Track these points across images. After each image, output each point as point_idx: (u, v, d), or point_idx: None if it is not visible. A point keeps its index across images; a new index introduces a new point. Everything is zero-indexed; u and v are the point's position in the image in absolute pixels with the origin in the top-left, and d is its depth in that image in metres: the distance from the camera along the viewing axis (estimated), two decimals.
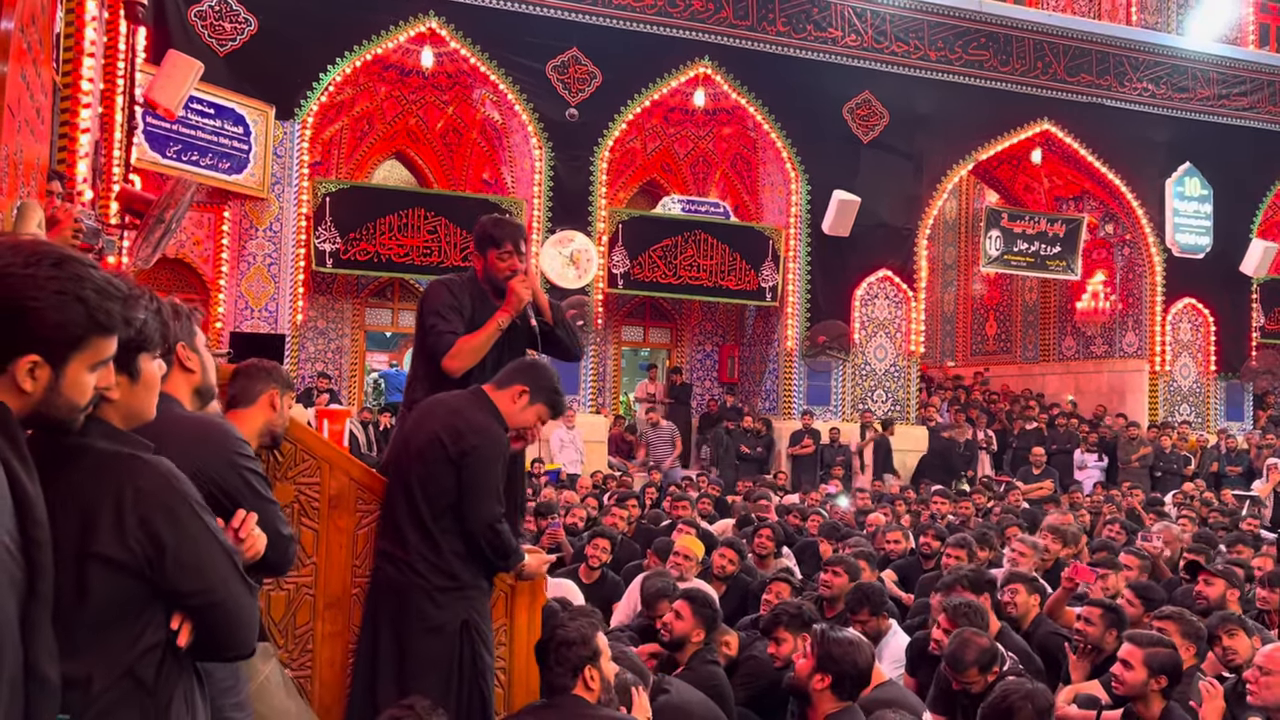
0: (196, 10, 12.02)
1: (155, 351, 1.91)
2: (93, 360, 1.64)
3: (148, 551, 1.73)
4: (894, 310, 15.22)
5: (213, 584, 1.82)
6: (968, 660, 3.84)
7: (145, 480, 1.76)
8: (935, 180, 15.43)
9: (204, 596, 1.81)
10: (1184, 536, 7.70)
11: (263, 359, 3.17)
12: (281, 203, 12.60)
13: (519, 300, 3.68)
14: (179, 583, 1.78)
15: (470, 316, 3.68)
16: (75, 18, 5.86)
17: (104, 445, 1.78)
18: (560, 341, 3.93)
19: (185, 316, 2.49)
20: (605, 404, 15.39)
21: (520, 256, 3.77)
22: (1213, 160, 16.66)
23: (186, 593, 1.79)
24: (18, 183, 3.05)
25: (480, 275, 3.80)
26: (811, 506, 9.54)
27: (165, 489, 1.78)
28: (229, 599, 1.84)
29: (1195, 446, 15.22)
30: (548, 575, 5.68)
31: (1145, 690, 3.67)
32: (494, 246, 3.74)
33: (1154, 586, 5.22)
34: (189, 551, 1.78)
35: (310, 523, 3.31)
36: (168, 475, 1.80)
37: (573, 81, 13.69)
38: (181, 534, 1.77)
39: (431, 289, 3.76)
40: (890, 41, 15.03)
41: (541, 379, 3.37)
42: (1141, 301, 16.76)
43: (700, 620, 4.36)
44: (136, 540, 1.72)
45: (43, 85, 3.51)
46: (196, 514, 1.81)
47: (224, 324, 12.52)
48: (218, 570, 1.83)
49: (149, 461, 1.80)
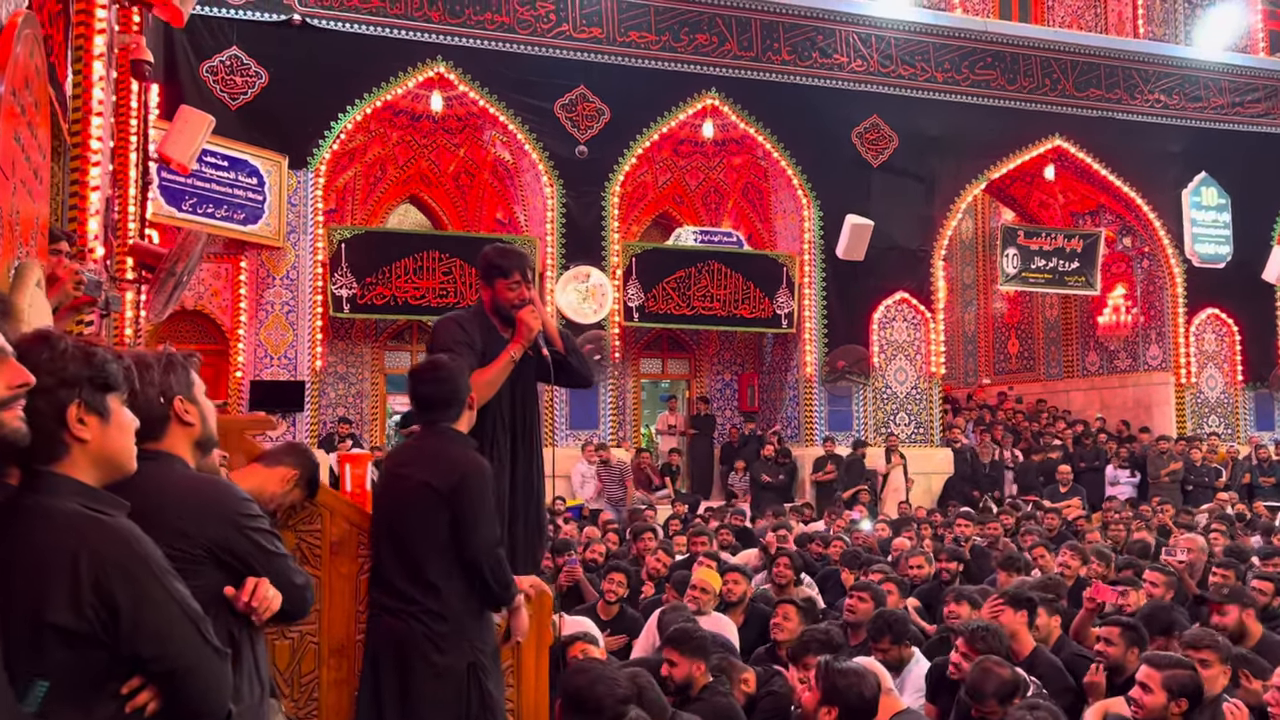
0: (208, 66, 12.22)
1: (122, 393, 1.88)
2: None
3: (102, 616, 1.69)
4: (913, 332, 15.15)
5: (178, 650, 1.78)
6: (987, 691, 3.77)
7: (102, 543, 1.72)
8: (948, 201, 15.40)
9: (166, 663, 1.77)
10: (1214, 549, 7.56)
11: (305, 450, 3.22)
12: (297, 251, 12.73)
13: (530, 331, 3.66)
14: (138, 648, 1.74)
15: (481, 350, 3.66)
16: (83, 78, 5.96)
17: (66, 505, 1.74)
18: (573, 370, 3.91)
19: (180, 366, 2.37)
20: (626, 437, 15.36)
21: (528, 285, 3.74)
22: (1229, 168, 16.55)
23: (147, 658, 1.76)
24: (14, 243, 3.09)
25: (488, 307, 3.77)
26: (835, 534, 9.46)
27: (123, 551, 1.74)
28: (195, 665, 1.80)
29: (1226, 458, 15.00)
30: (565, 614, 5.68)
31: (1165, 714, 3.57)
32: (502, 276, 3.71)
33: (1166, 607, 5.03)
34: (148, 616, 1.74)
35: (312, 569, 3.30)
36: (127, 538, 1.76)
37: (581, 119, 13.80)
38: (139, 598, 1.73)
39: (441, 326, 3.72)
40: (896, 65, 15.07)
41: (464, 386, 3.34)
42: (1164, 314, 16.61)
43: (690, 655, 4.27)
44: (90, 606, 1.68)
45: (40, 146, 3.56)
46: (156, 577, 1.77)
47: (244, 373, 12.62)
48: (181, 636, 1.79)
49: (107, 524, 1.76)
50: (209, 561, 2.07)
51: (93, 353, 1.81)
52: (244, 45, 12.37)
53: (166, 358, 2.33)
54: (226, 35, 12.31)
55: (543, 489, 3.84)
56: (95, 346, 1.84)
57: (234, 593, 2.06)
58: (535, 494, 3.76)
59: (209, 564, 2.07)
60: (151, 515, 1.89)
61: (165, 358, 2.33)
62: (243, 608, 2.05)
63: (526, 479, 3.71)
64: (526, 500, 3.74)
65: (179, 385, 2.31)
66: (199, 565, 2.00)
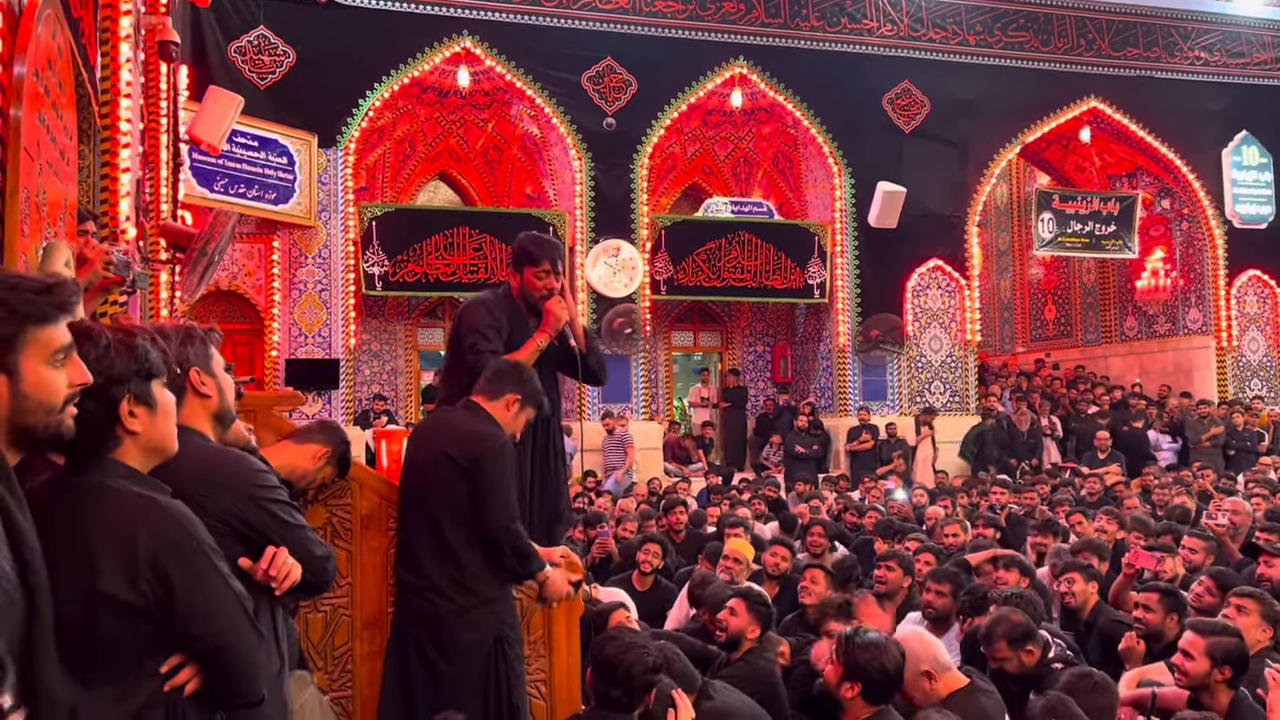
0: (236, 46, 12.27)
1: (164, 378, 1.92)
2: (44, 353, 1.62)
3: (157, 593, 1.74)
4: (947, 300, 14.99)
5: (222, 628, 1.83)
6: (997, 634, 3.76)
7: (159, 523, 1.78)
8: (982, 166, 15.19)
9: (212, 640, 1.82)
10: (1256, 514, 7.45)
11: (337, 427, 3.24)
12: (329, 229, 12.79)
13: (557, 320, 3.67)
14: (188, 626, 1.79)
15: (507, 336, 3.67)
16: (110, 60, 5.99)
17: (119, 485, 1.79)
18: (591, 368, 3.91)
19: (199, 340, 2.37)
20: (659, 410, 15.36)
21: (558, 276, 3.75)
22: (1271, 127, 16.19)
23: (195, 636, 1.80)
24: (41, 224, 3.12)
25: (515, 292, 3.78)
26: (870, 504, 9.42)
27: (178, 532, 1.79)
28: (238, 644, 1.85)
29: (1268, 421, 14.75)
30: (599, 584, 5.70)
31: (1209, 681, 3.51)
32: (531, 264, 3.72)
33: (1229, 573, 5.01)
34: (199, 595, 1.79)
35: (343, 543, 3.33)
36: (181, 519, 1.81)
37: (608, 91, 13.72)
38: (192, 577, 1.78)
39: (470, 309, 3.73)
40: (927, 29, 14.84)
41: (529, 383, 3.36)
42: (1204, 276, 16.31)
43: (755, 617, 4.32)
44: (147, 582, 1.73)
45: (66, 128, 3.58)
46: (209, 558, 1.82)
47: (279, 352, 12.74)
48: (227, 615, 1.84)
49: (163, 505, 1.81)
50: (228, 534, 2.09)
51: (134, 345, 1.84)
52: (271, 25, 12.40)
53: (185, 330, 2.34)
54: (254, 15, 12.34)
55: (562, 471, 3.85)
56: (133, 335, 1.86)
57: (250, 564, 2.08)
58: (553, 476, 3.77)
59: (228, 536, 2.08)
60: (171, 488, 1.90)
61: (184, 330, 2.34)
62: (261, 577, 2.08)
63: (544, 461, 3.71)
64: (544, 483, 3.75)
65: (196, 357, 2.31)
66: (219, 537, 2.02)
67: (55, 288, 1.65)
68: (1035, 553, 6.43)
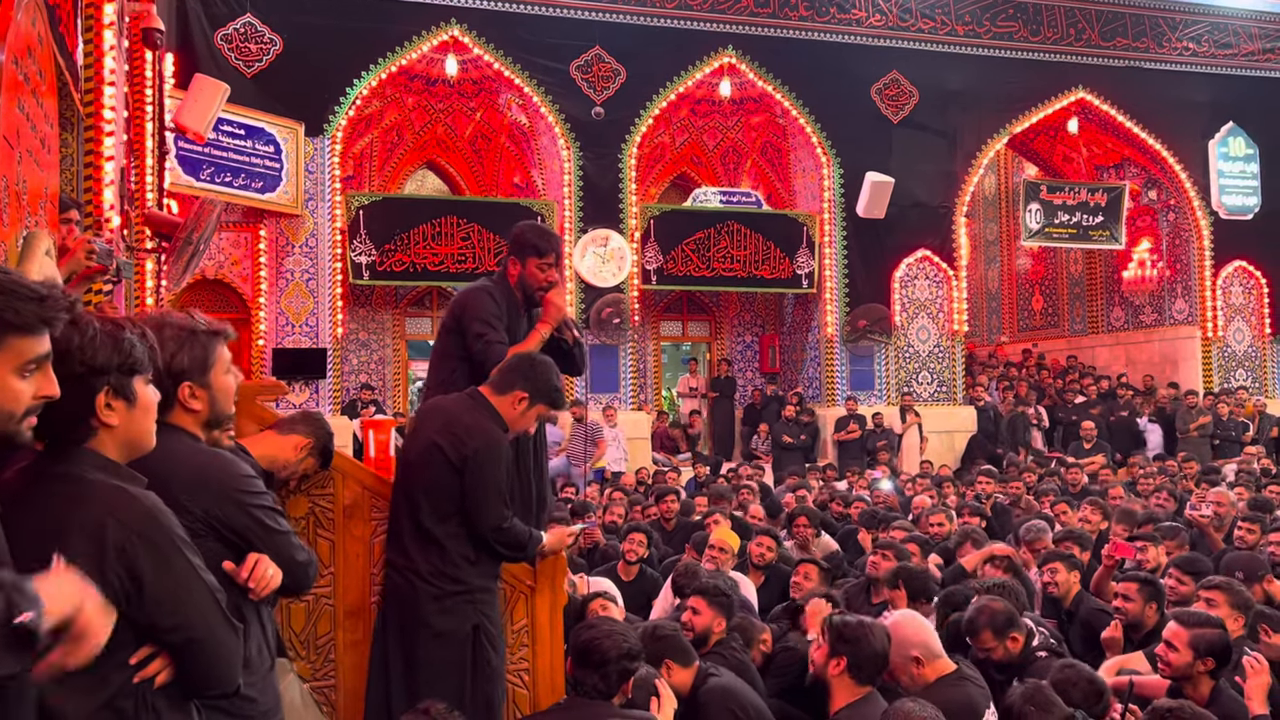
0: (222, 34, 12.19)
1: (147, 375, 1.89)
2: (16, 362, 1.58)
3: (125, 584, 1.72)
4: (935, 290, 15.03)
5: (191, 620, 1.80)
6: (980, 623, 3.78)
7: (127, 512, 1.75)
8: (970, 156, 15.21)
9: (182, 633, 1.80)
10: (1238, 504, 7.51)
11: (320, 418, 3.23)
12: (316, 218, 12.74)
13: (558, 312, 3.67)
14: (156, 617, 1.77)
15: (505, 325, 3.67)
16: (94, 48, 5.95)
17: (92, 475, 1.77)
18: (576, 360, 3.92)
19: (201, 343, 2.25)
20: (647, 400, 15.37)
21: (558, 269, 3.77)
22: (1258, 118, 16.23)
23: (164, 628, 1.79)
24: (22, 212, 3.10)
25: (513, 281, 3.75)
26: (856, 494, 9.45)
27: (148, 523, 1.77)
28: (208, 636, 1.83)
29: (1253, 412, 14.85)
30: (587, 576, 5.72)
31: (1191, 672, 3.53)
32: (537, 255, 3.70)
33: (1199, 559, 5.07)
34: (168, 586, 1.77)
35: (326, 534, 3.33)
36: (152, 510, 1.79)
37: (597, 80, 13.69)
38: (162, 568, 1.76)
39: (473, 296, 3.67)
40: (915, 19, 14.84)
41: (539, 380, 3.32)
42: (1190, 267, 16.37)
43: (717, 610, 4.29)
44: (115, 573, 1.71)
45: (47, 116, 3.56)
46: (179, 549, 1.80)
47: (266, 341, 12.70)
48: (197, 607, 1.81)
49: (134, 495, 1.79)
50: (210, 535, 2.09)
51: (120, 338, 1.81)
52: (258, 12, 12.32)
53: (189, 333, 2.24)
54: (240, 2, 12.26)
55: (544, 463, 3.84)
56: (121, 328, 1.84)
57: (233, 568, 2.08)
58: (538, 467, 3.76)
59: (210, 537, 2.08)
60: (154, 487, 1.90)
61: (187, 333, 2.24)
62: (242, 584, 2.07)
63: (527, 452, 3.71)
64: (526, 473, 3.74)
65: (193, 365, 2.23)
66: (201, 538, 2.02)
67: (48, 300, 1.61)
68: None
